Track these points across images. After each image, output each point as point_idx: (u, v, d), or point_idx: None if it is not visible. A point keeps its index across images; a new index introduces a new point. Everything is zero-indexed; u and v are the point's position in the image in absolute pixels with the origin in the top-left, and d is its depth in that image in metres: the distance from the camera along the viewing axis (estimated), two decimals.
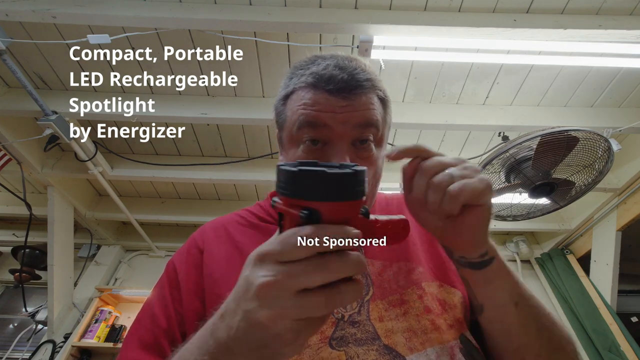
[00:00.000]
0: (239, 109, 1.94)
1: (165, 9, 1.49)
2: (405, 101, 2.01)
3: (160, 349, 0.50)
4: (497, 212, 1.90)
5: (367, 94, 0.53)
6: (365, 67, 0.55)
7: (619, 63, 1.65)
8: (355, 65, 0.54)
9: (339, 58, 0.55)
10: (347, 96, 0.52)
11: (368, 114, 0.53)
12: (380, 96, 0.56)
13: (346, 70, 0.52)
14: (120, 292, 2.61)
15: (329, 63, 0.53)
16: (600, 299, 2.47)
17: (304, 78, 0.54)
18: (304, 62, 0.57)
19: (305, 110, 0.52)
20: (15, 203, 2.64)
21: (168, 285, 0.57)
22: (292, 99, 0.56)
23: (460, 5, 1.57)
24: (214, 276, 0.55)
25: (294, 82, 0.56)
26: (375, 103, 0.54)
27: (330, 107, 0.51)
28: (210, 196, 2.81)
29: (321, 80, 0.52)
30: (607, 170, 1.57)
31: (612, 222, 2.40)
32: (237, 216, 0.65)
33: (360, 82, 0.52)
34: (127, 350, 0.52)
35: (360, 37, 1.52)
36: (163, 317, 0.53)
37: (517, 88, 1.96)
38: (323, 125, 0.52)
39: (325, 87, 0.52)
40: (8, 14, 1.42)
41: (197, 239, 0.62)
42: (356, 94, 0.52)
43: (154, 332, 0.52)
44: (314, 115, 0.52)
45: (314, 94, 0.53)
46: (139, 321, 0.55)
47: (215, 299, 0.52)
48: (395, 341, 0.49)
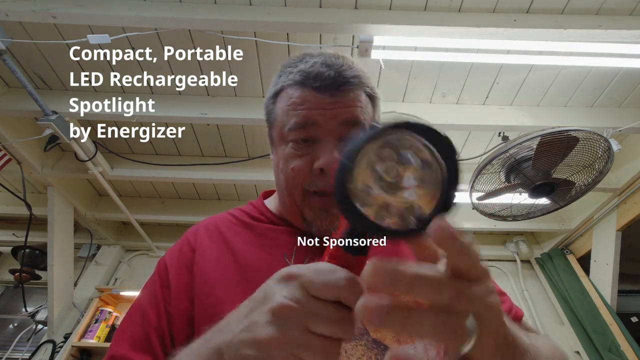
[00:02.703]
0: (239, 109, 1.94)
1: (165, 9, 1.49)
2: (405, 101, 2.01)
3: (150, 346, 0.51)
4: (497, 212, 1.90)
5: (355, 90, 0.54)
6: (353, 64, 0.56)
7: (619, 63, 1.65)
8: (342, 63, 0.54)
9: (326, 55, 0.55)
10: (334, 93, 0.52)
11: (355, 111, 0.53)
12: (368, 93, 0.57)
13: (333, 67, 0.53)
14: (120, 292, 2.61)
15: (317, 61, 0.54)
16: (600, 299, 2.47)
17: (292, 76, 0.55)
18: (292, 60, 0.58)
19: (295, 111, 0.53)
20: (15, 203, 2.64)
21: (159, 283, 0.57)
22: (281, 97, 0.57)
23: (460, 5, 1.57)
24: (205, 276, 0.55)
25: (283, 79, 0.57)
26: (363, 100, 0.55)
27: (319, 104, 0.52)
28: (210, 196, 2.81)
29: (308, 77, 0.53)
30: (607, 170, 1.57)
31: (612, 222, 2.40)
32: (229, 215, 0.66)
33: (347, 78, 0.53)
34: (117, 346, 0.52)
35: (360, 37, 1.52)
36: (154, 314, 0.53)
37: (517, 88, 1.96)
38: (312, 124, 0.53)
39: (312, 85, 0.53)
40: (8, 14, 1.42)
41: (190, 237, 0.62)
42: (343, 91, 0.53)
43: (145, 329, 0.52)
44: (303, 114, 0.53)
45: (302, 91, 0.53)
46: (130, 317, 0.55)
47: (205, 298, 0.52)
48: (383, 335, 0.49)
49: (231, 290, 0.52)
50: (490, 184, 1.73)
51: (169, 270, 0.58)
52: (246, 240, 0.59)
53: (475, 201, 1.82)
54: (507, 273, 2.93)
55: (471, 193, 1.78)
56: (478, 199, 1.80)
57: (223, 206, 2.79)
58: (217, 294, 0.52)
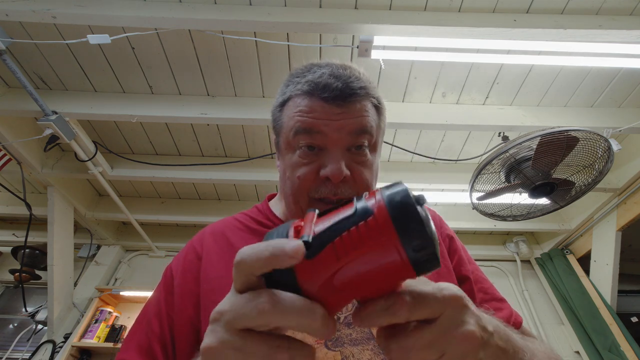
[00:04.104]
0: (239, 109, 1.94)
1: (165, 9, 1.49)
2: (405, 101, 2.01)
3: (152, 353, 0.52)
4: (497, 212, 1.90)
5: (361, 101, 0.55)
6: (360, 75, 0.57)
7: (619, 63, 1.65)
8: (349, 74, 0.55)
9: (334, 66, 0.56)
10: (341, 104, 0.54)
11: (362, 121, 0.54)
12: (374, 103, 0.58)
13: (341, 78, 0.54)
14: (120, 292, 2.61)
15: (324, 71, 0.55)
16: (600, 299, 2.47)
17: (300, 86, 0.56)
18: (300, 70, 0.59)
19: (302, 117, 0.54)
20: (15, 203, 2.64)
21: (164, 290, 0.58)
22: (288, 105, 0.57)
23: (460, 5, 1.57)
24: (211, 284, 0.55)
25: (291, 89, 0.57)
26: (370, 110, 0.56)
27: (326, 115, 0.53)
28: (210, 196, 2.81)
29: (317, 88, 0.54)
30: (607, 170, 1.57)
31: (612, 222, 2.40)
32: (235, 221, 0.66)
33: (354, 90, 0.54)
34: (124, 351, 0.54)
35: (360, 37, 1.52)
36: (156, 322, 0.55)
37: (517, 88, 1.96)
38: (318, 132, 0.53)
39: (320, 95, 0.54)
40: (8, 14, 1.42)
41: (196, 244, 0.62)
42: (350, 102, 0.54)
43: (148, 337, 0.54)
44: (309, 122, 0.53)
45: (310, 101, 0.54)
46: (138, 323, 0.57)
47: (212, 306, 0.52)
48: None
49: None
50: (490, 184, 1.73)
51: (174, 277, 0.58)
52: None
53: (475, 201, 1.82)
54: (507, 273, 2.93)
55: (471, 193, 1.78)
56: (478, 199, 1.80)
57: (223, 206, 2.79)
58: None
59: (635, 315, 2.88)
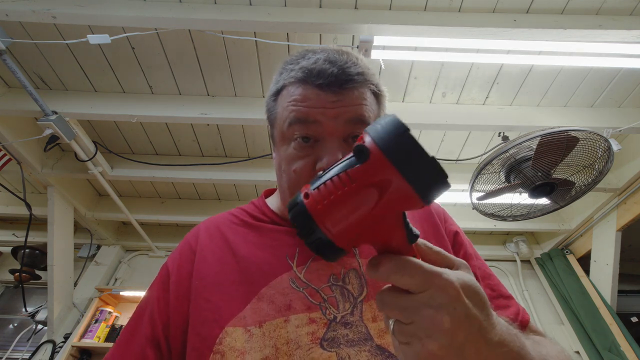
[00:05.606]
0: (239, 109, 1.94)
1: (165, 9, 1.49)
2: (405, 101, 2.01)
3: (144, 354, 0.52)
4: (497, 212, 1.90)
5: (359, 88, 0.51)
6: (358, 61, 0.53)
7: (619, 63, 1.65)
8: (346, 59, 0.52)
9: (329, 51, 0.53)
10: (337, 91, 0.50)
11: (359, 110, 0.51)
12: (373, 90, 0.54)
13: (336, 64, 0.50)
14: (120, 292, 2.61)
15: (319, 57, 0.52)
16: (600, 299, 2.47)
17: (293, 73, 0.52)
18: (294, 57, 0.56)
19: (295, 107, 0.51)
20: (15, 203, 2.64)
21: (159, 288, 0.57)
22: (282, 95, 0.54)
23: (460, 5, 1.57)
24: (204, 280, 0.54)
25: (284, 77, 0.54)
26: (368, 98, 0.53)
27: (321, 103, 0.50)
28: (210, 196, 2.81)
29: (311, 75, 0.50)
30: (607, 170, 1.57)
31: (612, 222, 2.40)
32: (230, 215, 0.65)
33: (351, 76, 0.50)
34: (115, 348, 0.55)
35: (360, 37, 1.52)
36: (148, 322, 0.54)
37: (517, 88, 1.96)
38: (313, 122, 0.50)
39: (315, 82, 0.50)
40: (8, 14, 1.42)
41: (191, 240, 0.61)
42: (347, 89, 0.50)
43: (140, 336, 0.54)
44: (303, 111, 0.50)
45: (304, 89, 0.51)
46: (134, 320, 0.57)
47: (203, 302, 0.52)
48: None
49: (231, 294, 0.52)
50: (490, 184, 1.73)
51: (170, 274, 0.58)
52: (248, 240, 0.58)
53: (475, 201, 1.82)
54: (507, 273, 2.93)
55: (471, 193, 1.78)
56: (478, 199, 1.80)
57: (223, 206, 2.79)
58: (216, 298, 0.52)
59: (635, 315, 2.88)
